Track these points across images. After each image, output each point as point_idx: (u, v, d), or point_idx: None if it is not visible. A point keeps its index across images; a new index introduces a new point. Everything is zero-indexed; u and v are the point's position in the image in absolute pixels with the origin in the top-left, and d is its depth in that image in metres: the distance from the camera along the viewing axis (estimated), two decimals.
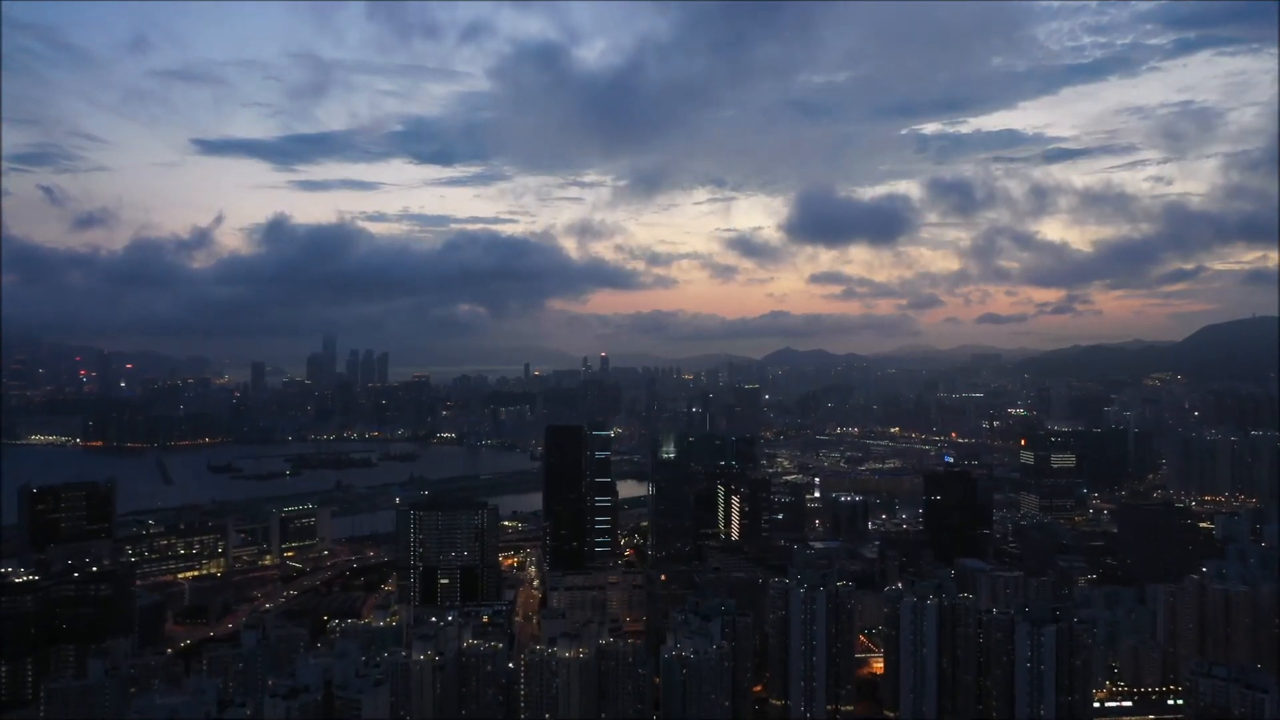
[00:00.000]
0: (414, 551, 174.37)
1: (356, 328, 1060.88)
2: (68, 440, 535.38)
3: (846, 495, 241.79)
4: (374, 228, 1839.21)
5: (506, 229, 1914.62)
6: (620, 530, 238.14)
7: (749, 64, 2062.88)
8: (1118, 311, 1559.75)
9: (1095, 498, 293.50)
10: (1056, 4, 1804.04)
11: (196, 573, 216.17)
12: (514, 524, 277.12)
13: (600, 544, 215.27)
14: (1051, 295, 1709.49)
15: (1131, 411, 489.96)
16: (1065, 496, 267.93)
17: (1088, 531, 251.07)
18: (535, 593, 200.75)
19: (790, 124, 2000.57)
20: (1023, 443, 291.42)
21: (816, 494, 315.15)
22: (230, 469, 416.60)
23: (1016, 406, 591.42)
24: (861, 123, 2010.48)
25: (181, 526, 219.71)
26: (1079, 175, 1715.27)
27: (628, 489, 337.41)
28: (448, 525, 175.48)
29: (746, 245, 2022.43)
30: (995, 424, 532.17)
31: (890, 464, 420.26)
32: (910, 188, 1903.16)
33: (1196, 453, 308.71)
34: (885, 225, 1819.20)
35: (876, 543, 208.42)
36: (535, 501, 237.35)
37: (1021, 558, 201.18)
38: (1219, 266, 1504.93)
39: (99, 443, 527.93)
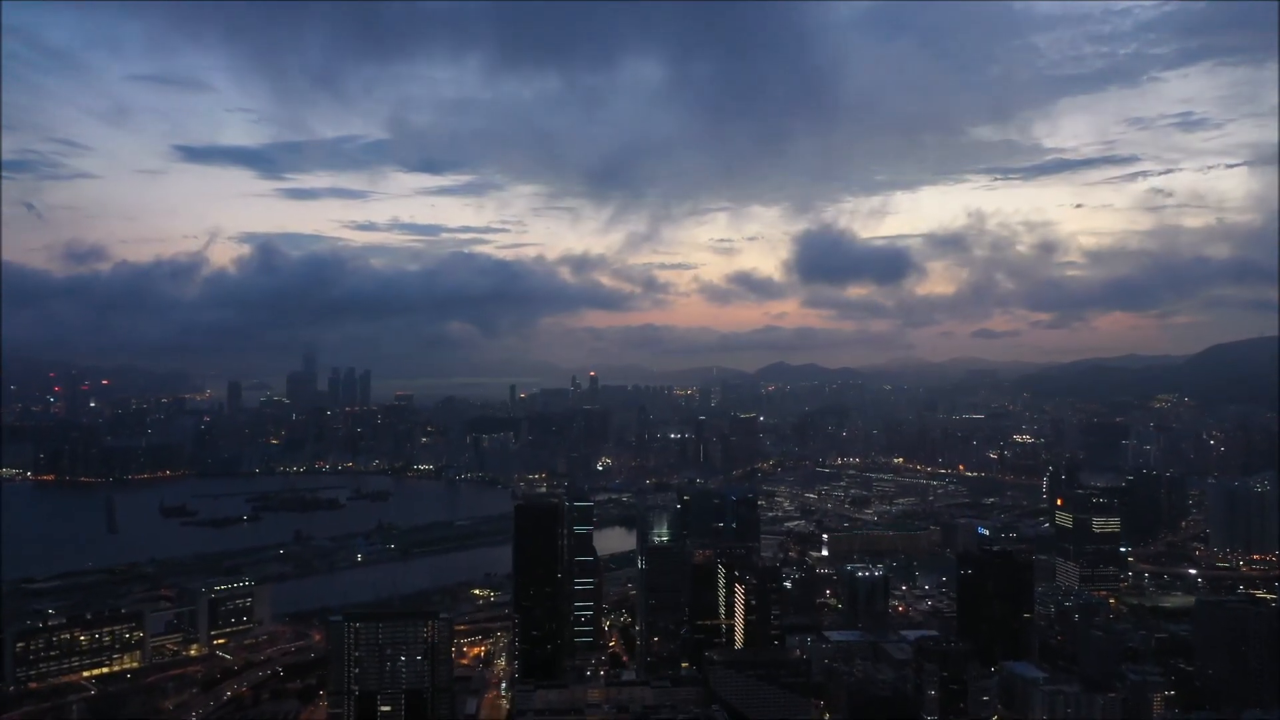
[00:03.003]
0: (348, 673, 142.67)
1: (344, 344, 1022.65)
2: (18, 474, 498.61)
3: (862, 569, 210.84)
4: (364, 237, 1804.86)
5: (499, 239, 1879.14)
6: (604, 602, 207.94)
7: (746, 80, 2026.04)
8: (1113, 326, 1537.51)
9: (1131, 556, 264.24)
10: (1060, 11, 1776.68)
11: (107, 669, 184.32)
12: (484, 593, 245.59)
13: (581, 635, 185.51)
14: (1045, 316, 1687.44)
15: (1151, 445, 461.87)
16: (1108, 563, 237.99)
17: (1136, 605, 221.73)
18: (502, 702, 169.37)
19: (786, 133, 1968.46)
20: (1059, 502, 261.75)
21: (824, 551, 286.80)
22: (184, 512, 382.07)
23: (1022, 432, 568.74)
24: (857, 133, 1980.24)
25: (88, 616, 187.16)
26: (1077, 189, 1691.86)
27: (616, 538, 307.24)
28: (390, 639, 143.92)
29: (748, 281, 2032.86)
30: (1005, 453, 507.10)
31: (898, 504, 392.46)
32: (907, 198, 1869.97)
33: (1242, 505, 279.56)
34: (887, 270, 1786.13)
35: (904, 637, 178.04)
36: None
37: (1076, 659, 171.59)
38: (1219, 290, 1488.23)
39: (51, 476, 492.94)
